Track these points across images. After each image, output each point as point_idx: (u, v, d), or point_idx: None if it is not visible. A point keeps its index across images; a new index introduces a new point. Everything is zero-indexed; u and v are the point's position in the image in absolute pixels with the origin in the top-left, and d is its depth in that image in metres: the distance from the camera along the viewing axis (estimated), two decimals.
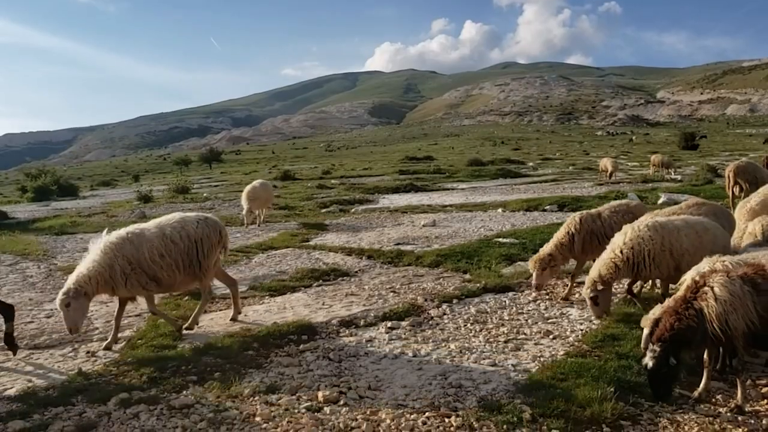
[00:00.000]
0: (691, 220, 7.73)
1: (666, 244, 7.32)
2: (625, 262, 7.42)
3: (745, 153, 44.77)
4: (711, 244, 7.38)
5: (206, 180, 43.09)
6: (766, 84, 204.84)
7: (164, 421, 5.24)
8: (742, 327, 5.12)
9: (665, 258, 7.35)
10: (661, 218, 7.71)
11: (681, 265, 7.25)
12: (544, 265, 8.70)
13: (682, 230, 7.44)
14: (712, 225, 7.72)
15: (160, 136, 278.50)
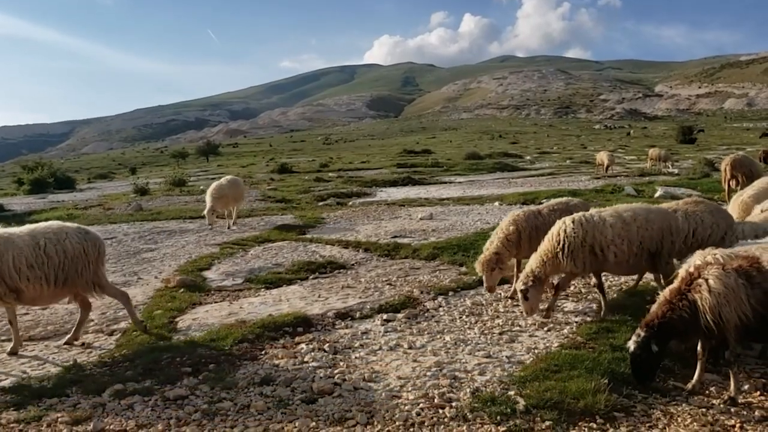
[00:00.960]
0: (621, 209, 7.63)
1: (588, 239, 7.28)
2: (550, 255, 7.43)
3: (742, 147, 44.80)
4: (645, 231, 7.39)
5: (203, 173, 43.04)
6: (763, 78, 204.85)
7: (158, 412, 5.25)
8: (735, 319, 5.13)
9: (584, 252, 7.29)
10: (589, 213, 7.61)
11: (608, 257, 7.30)
12: (492, 265, 8.36)
13: (608, 222, 7.38)
14: (645, 211, 7.64)
15: (157, 129, 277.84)
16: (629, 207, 7.72)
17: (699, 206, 8.32)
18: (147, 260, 12.13)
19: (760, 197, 9.28)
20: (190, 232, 15.26)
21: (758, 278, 5.16)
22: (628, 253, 7.38)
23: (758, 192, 9.73)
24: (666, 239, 7.57)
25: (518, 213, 8.89)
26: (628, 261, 7.46)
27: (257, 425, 4.92)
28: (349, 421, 4.98)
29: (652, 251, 7.53)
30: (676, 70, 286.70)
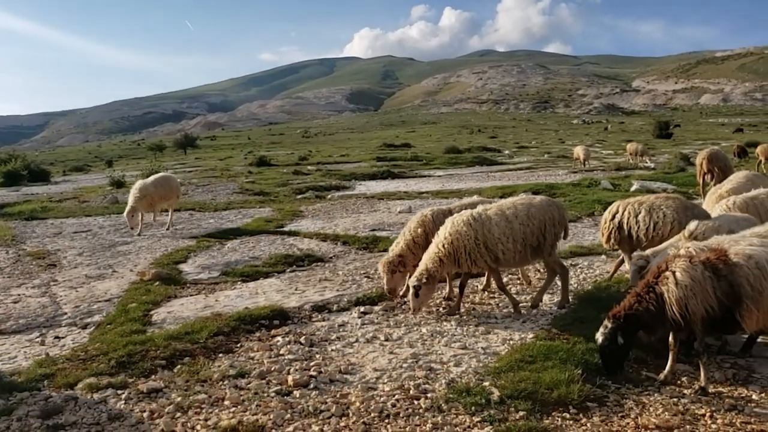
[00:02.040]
0: (504, 206, 7.69)
1: (480, 237, 7.35)
2: (448, 256, 7.42)
3: (717, 142, 45.44)
4: (527, 227, 7.47)
5: (180, 166, 42.60)
6: (738, 74, 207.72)
7: (132, 405, 5.21)
8: (701, 312, 5.21)
9: (480, 251, 7.37)
10: (477, 210, 7.63)
11: (498, 255, 7.39)
12: (394, 267, 8.03)
13: (493, 220, 7.45)
14: (526, 207, 7.65)
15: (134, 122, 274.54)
16: (512, 203, 7.75)
17: (666, 201, 8.42)
18: (122, 253, 12.00)
19: (738, 191, 9.40)
20: (166, 225, 15.11)
21: (725, 271, 5.23)
22: (514, 250, 7.46)
23: (736, 186, 9.85)
24: (548, 231, 7.67)
25: (426, 214, 8.51)
26: (515, 258, 7.55)
27: (231, 417, 4.90)
28: (324, 413, 4.98)
29: (534, 246, 7.61)
30: (653, 65, 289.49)
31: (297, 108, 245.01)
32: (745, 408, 5.15)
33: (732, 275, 5.22)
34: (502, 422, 4.74)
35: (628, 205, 8.63)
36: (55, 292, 9.13)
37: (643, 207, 8.44)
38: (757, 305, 5.18)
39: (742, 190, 9.50)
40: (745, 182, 10.11)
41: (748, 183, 9.98)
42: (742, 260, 5.26)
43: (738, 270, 5.22)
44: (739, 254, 5.32)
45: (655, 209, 8.31)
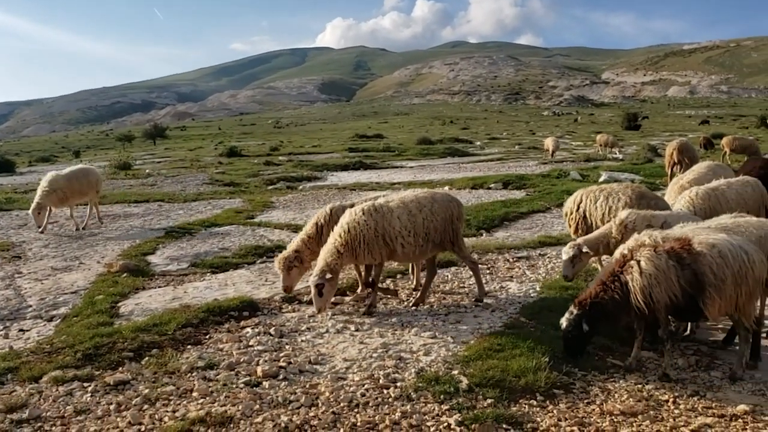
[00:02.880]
0: (407, 199, 7.48)
1: (380, 229, 7.16)
2: (345, 246, 7.15)
3: (684, 133, 46.17)
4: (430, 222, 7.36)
5: (150, 156, 42.03)
6: (704, 67, 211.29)
7: (98, 397, 5.15)
8: (665, 300, 5.32)
9: (378, 243, 7.18)
10: (378, 201, 7.42)
11: (396, 249, 7.22)
12: (290, 263, 7.71)
13: (395, 212, 7.26)
14: (430, 201, 7.53)
15: (102, 112, 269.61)
16: (415, 196, 7.57)
17: (624, 189, 8.66)
18: (89, 245, 11.82)
19: (700, 182, 9.59)
20: (134, 216, 14.93)
21: (688, 260, 5.35)
22: (414, 244, 7.30)
23: (697, 177, 10.04)
24: (448, 228, 7.57)
25: (327, 209, 8.22)
26: (415, 252, 7.40)
27: (199, 409, 4.87)
28: (293, 404, 4.98)
29: (437, 242, 7.53)
30: (622, 57, 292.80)
31: (268, 98, 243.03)
32: (707, 393, 5.29)
33: (695, 264, 5.32)
34: (470, 410, 4.79)
35: (590, 193, 8.79)
36: (19, 285, 8.96)
37: (602, 194, 8.65)
38: (720, 293, 5.30)
39: (704, 180, 9.70)
40: (707, 172, 10.31)
41: (710, 173, 10.20)
42: (706, 249, 5.37)
43: (701, 259, 5.33)
44: (703, 243, 5.44)
45: (612, 196, 8.51)
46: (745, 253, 5.39)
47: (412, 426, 4.63)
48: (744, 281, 5.36)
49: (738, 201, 8.51)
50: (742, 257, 5.36)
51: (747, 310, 5.56)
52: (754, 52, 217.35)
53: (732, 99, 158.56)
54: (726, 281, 5.30)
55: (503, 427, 4.57)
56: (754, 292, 5.53)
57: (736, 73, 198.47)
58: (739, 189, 8.74)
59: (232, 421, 4.70)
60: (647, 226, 7.11)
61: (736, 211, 7.86)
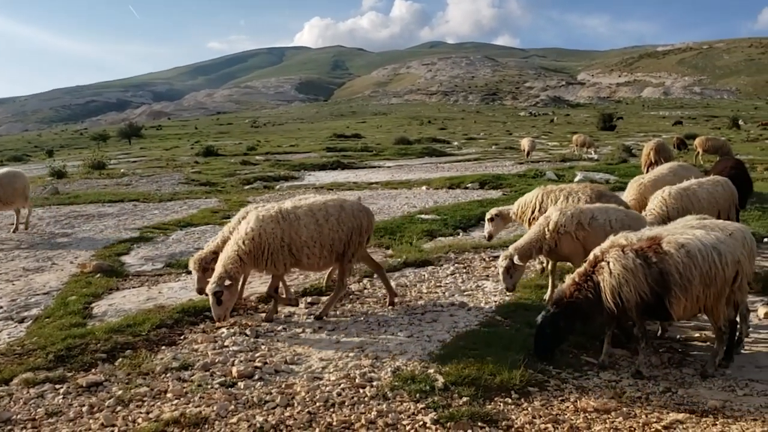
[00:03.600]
0: (315, 207, 7.08)
1: (287, 238, 6.78)
2: (249, 255, 6.72)
3: (658, 134, 46.74)
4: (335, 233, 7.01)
5: (125, 156, 41.56)
6: (678, 68, 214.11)
7: (70, 399, 5.09)
8: (634, 299, 5.38)
9: (283, 253, 6.80)
10: (285, 207, 6.99)
11: (302, 259, 6.89)
12: (206, 264, 7.33)
13: (303, 221, 6.89)
14: (337, 211, 7.14)
15: (76, 110, 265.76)
16: (324, 204, 7.14)
17: (584, 189, 8.77)
18: (62, 245, 11.65)
19: (658, 183, 9.76)
20: (109, 216, 14.75)
21: (655, 259, 5.40)
22: (319, 255, 6.99)
23: (657, 177, 10.17)
24: (354, 240, 7.23)
25: (249, 210, 7.75)
26: (319, 263, 7.11)
27: (173, 410, 4.83)
28: (268, 404, 4.96)
29: (339, 252, 7.21)
30: (597, 59, 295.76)
31: (245, 97, 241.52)
32: (679, 390, 5.37)
33: (662, 263, 5.38)
34: (445, 408, 4.81)
35: (550, 193, 8.84)
36: None
37: (561, 194, 8.72)
38: (685, 293, 5.34)
39: (662, 181, 9.91)
40: (667, 173, 10.45)
41: (670, 174, 10.35)
42: (673, 249, 5.42)
43: (668, 258, 5.38)
44: (672, 243, 5.48)
45: (572, 195, 8.61)
46: (717, 254, 5.38)
47: (387, 425, 4.64)
48: (713, 282, 5.36)
49: (709, 200, 8.65)
50: (713, 258, 5.36)
51: (716, 312, 5.58)
52: (726, 54, 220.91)
53: (705, 100, 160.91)
54: (693, 282, 5.32)
55: (478, 425, 4.59)
56: (722, 293, 5.51)
57: (708, 75, 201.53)
58: (711, 188, 8.89)
59: (207, 421, 4.67)
60: (578, 223, 7.26)
61: (707, 211, 8.01)
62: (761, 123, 64.85)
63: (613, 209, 7.65)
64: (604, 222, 7.29)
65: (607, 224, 7.25)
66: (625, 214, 7.56)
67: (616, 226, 7.15)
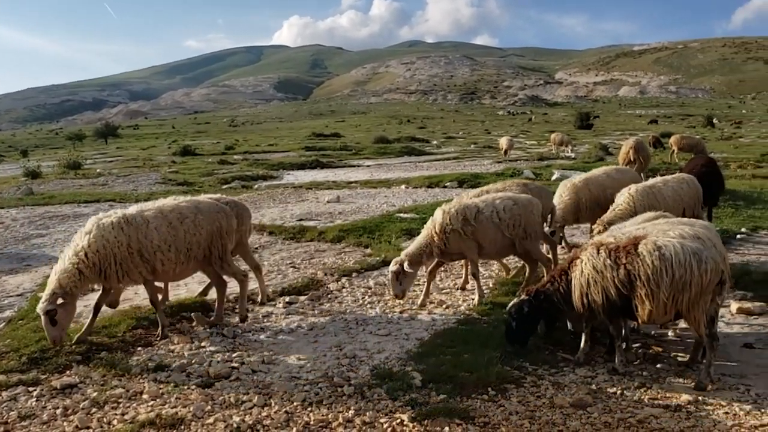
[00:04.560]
0: (166, 209, 6.58)
1: (134, 244, 6.22)
2: (91, 268, 6.13)
3: (634, 133, 47.22)
4: (192, 236, 6.55)
5: (101, 155, 41.13)
6: (654, 67, 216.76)
7: (44, 402, 5.03)
8: (601, 300, 5.39)
9: (135, 261, 6.24)
10: (131, 212, 6.46)
11: (156, 266, 6.38)
12: None
13: (152, 224, 6.36)
14: (193, 212, 6.69)
15: (51, 110, 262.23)
16: (176, 205, 6.71)
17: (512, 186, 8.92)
18: (37, 246, 11.51)
19: (591, 184, 9.84)
20: (84, 217, 14.53)
21: (624, 260, 5.30)
22: (175, 261, 6.50)
23: (590, 178, 10.15)
24: (215, 243, 6.80)
25: None
26: (176, 270, 6.61)
27: (149, 411, 4.80)
28: (246, 404, 4.94)
29: (200, 258, 6.75)
30: (575, 58, 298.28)
31: (223, 96, 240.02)
32: (653, 385, 5.42)
33: (631, 265, 5.23)
34: (423, 405, 4.83)
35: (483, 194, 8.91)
36: None
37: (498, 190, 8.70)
38: (651, 298, 5.14)
39: (596, 181, 9.99)
40: (601, 174, 10.41)
41: (604, 175, 10.33)
42: (646, 251, 5.19)
43: (637, 260, 5.21)
44: (648, 244, 5.24)
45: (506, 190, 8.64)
46: (697, 261, 5.03)
47: (365, 423, 4.64)
48: (686, 288, 5.05)
49: (674, 198, 8.80)
50: (691, 263, 5.02)
51: (692, 319, 5.24)
52: (701, 53, 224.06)
53: (680, 99, 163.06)
54: (661, 286, 5.06)
55: (455, 422, 4.61)
56: (698, 300, 5.12)
57: (683, 74, 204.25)
58: (676, 186, 9.02)
59: (183, 422, 4.64)
60: (463, 219, 7.43)
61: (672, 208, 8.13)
62: (734, 121, 65.93)
63: (501, 199, 7.74)
64: (491, 214, 7.51)
65: (495, 215, 7.51)
66: (514, 203, 7.68)
67: (505, 215, 7.52)
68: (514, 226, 7.60)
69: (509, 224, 7.57)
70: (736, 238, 10.52)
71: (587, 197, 9.73)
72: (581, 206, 9.69)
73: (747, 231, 10.95)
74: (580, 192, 9.74)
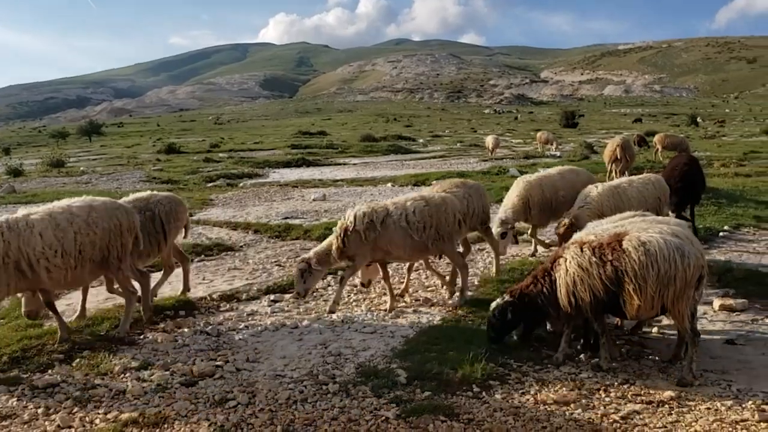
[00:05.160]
0: (55, 211, 6.10)
1: (13, 252, 5.66)
2: None
3: (619, 131, 47.50)
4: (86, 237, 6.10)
5: (85, 153, 40.79)
6: (639, 67, 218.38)
7: (25, 401, 4.98)
8: (588, 298, 5.42)
9: (8, 271, 5.67)
10: (14, 217, 5.94)
11: (40, 274, 5.81)
12: None
13: (36, 228, 5.82)
14: (86, 211, 6.25)
15: (33, 107, 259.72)
16: (66, 206, 6.25)
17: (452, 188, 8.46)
18: None
19: (545, 183, 9.66)
20: None
21: (610, 256, 5.32)
22: (65, 267, 5.97)
23: (544, 177, 10.03)
24: (114, 243, 6.38)
25: None
26: (66, 277, 6.09)
27: (133, 410, 4.76)
28: (230, 402, 4.92)
29: (97, 260, 6.29)
30: (560, 57, 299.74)
31: (209, 94, 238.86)
32: (637, 381, 5.45)
33: (618, 261, 5.28)
34: (408, 403, 4.83)
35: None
36: None
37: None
38: (639, 293, 5.21)
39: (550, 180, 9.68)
40: (555, 174, 10.06)
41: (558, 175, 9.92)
42: (632, 247, 5.25)
43: (624, 257, 5.25)
44: (632, 240, 5.30)
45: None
46: (680, 255, 5.12)
47: (350, 420, 4.64)
48: (671, 283, 5.13)
49: (639, 198, 8.90)
50: (675, 258, 5.12)
51: (677, 313, 5.31)
52: (685, 52, 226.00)
53: (665, 98, 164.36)
54: (648, 281, 5.14)
55: (440, 418, 4.62)
56: (682, 295, 5.21)
57: (668, 73, 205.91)
58: (640, 187, 9.10)
59: (167, 421, 4.62)
60: (369, 222, 7.07)
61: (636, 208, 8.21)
62: (718, 120, 66.55)
63: (413, 201, 7.38)
64: (399, 217, 7.18)
65: (403, 219, 7.15)
66: (426, 203, 7.32)
67: (414, 218, 7.14)
68: (424, 228, 7.23)
69: (419, 227, 7.19)
70: (719, 236, 10.62)
71: (539, 197, 9.45)
72: (531, 205, 9.39)
73: (729, 228, 11.05)
74: (532, 191, 9.45)
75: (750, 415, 4.66)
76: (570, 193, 9.33)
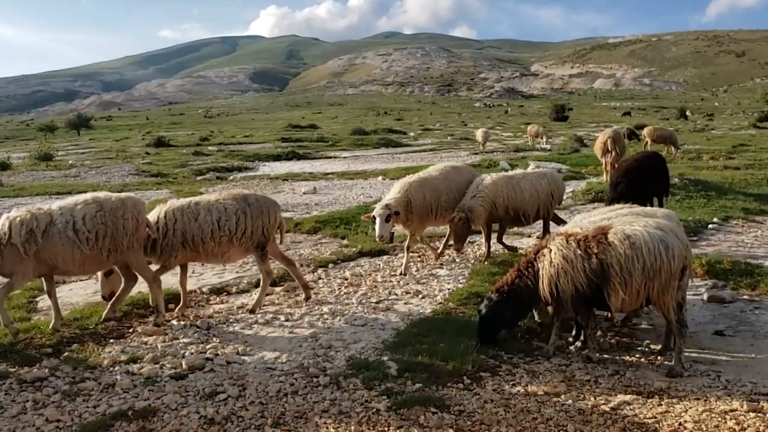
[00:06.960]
0: None
1: None
2: None
3: (609, 124, 47.58)
4: None
5: (73, 147, 40.48)
6: (628, 60, 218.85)
7: (13, 395, 4.95)
8: (570, 289, 5.42)
9: None
10: None
11: None
12: None
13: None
14: None
15: (21, 101, 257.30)
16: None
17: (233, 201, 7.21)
18: None
19: (426, 183, 9.07)
20: None
21: (596, 249, 5.34)
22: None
23: (425, 177, 9.31)
24: None
25: None
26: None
27: (122, 403, 4.74)
28: (220, 395, 4.90)
29: None
30: (550, 50, 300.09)
31: (198, 87, 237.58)
32: (627, 372, 5.48)
33: (603, 254, 5.30)
34: (399, 395, 4.82)
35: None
36: None
37: None
38: (624, 286, 5.23)
39: (431, 180, 9.17)
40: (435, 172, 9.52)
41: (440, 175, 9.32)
42: (617, 240, 5.29)
43: (610, 249, 5.28)
44: (618, 233, 5.34)
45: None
46: (664, 248, 5.19)
47: (341, 413, 4.63)
48: (657, 275, 5.19)
49: (531, 192, 9.05)
50: (660, 251, 5.17)
51: (662, 305, 5.37)
52: (674, 46, 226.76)
53: (654, 91, 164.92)
54: (633, 275, 5.19)
55: (431, 410, 4.61)
56: (667, 287, 5.27)
57: (657, 67, 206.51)
58: (534, 180, 9.25)
59: (156, 414, 4.59)
60: (28, 232, 5.84)
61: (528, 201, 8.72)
62: (707, 114, 66.87)
63: (84, 205, 6.17)
64: (65, 227, 5.94)
65: (69, 228, 5.95)
66: (99, 208, 6.16)
67: (84, 227, 5.99)
68: (96, 238, 6.05)
69: (89, 237, 6.01)
70: (708, 228, 10.67)
71: (420, 202, 8.70)
72: (410, 209, 8.59)
73: (719, 221, 11.12)
74: (413, 194, 8.69)
75: (739, 405, 4.69)
76: (454, 194, 8.98)
